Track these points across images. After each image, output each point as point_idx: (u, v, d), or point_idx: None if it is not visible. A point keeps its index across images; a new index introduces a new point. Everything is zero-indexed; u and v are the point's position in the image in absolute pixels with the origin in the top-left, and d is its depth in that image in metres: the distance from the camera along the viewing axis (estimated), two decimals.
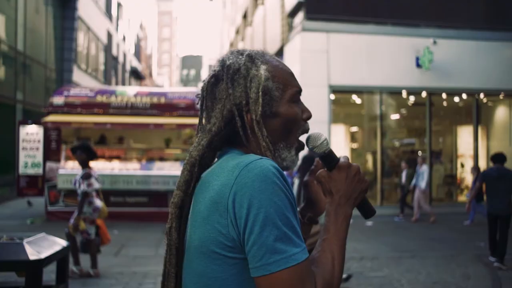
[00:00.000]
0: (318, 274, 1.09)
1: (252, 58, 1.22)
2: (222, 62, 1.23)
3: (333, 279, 1.11)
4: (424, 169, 11.92)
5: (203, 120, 1.26)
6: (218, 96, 1.21)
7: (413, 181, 12.15)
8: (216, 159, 1.25)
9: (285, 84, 1.22)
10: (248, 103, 1.18)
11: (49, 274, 4.14)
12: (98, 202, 6.46)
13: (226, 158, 1.18)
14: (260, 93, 1.18)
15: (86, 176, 6.26)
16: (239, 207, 1.04)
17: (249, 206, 1.03)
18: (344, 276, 6.07)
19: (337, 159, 1.22)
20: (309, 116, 1.26)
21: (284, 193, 1.06)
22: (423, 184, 11.79)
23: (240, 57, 1.23)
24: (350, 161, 1.24)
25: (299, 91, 1.24)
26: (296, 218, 1.07)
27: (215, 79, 1.23)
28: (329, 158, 1.22)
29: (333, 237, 1.16)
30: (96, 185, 6.33)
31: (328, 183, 1.21)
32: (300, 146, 1.25)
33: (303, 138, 1.26)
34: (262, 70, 1.20)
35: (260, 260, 1.02)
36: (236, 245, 1.06)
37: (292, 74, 1.25)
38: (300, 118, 1.23)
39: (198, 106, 1.28)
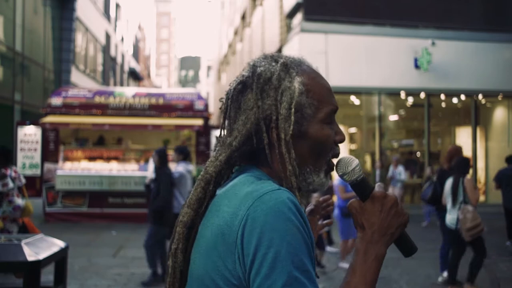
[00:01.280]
0: None
1: (287, 67, 1.09)
2: (253, 68, 1.10)
3: None
4: (400, 170, 12.28)
5: (224, 132, 1.12)
6: (243, 107, 1.08)
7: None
8: (233, 174, 1.12)
9: (320, 101, 1.08)
10: (277, 119, 1.05)
11: (47, 275, 4.14)
12: (19, 201, 6.51)
13: (242, 179, 1.05)
14: (293, 109, 1.04)
15: (1, 176, 6.43)
16: (247, 243, 0.92)
17: (257, 244, 0.91)
18: None
19: (371, 188, 1.06)
20: (342, 140, 1.11)
21: (299, 231, 0.93)
22: (399, 184, 12.24)
23: (274, 64, 1.09)
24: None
25: (335, 110, 1.10)
26: (312, 260, 0.94)
27: (243, 86, 1.09)
28: (361, 186, 1.06)
29: (359, 281, 0.98)
30: (11, 185, 6.41)
31: (360, 216, 1.04)
32: (330, 168, 1.11)
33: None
34: (296, 82, 1.07)
35: None
36: (242, 284, 0.94)
37: (330, 90, 1.12)
38: (331, 142, 1.09)
39: (222, 112, 1.14)
